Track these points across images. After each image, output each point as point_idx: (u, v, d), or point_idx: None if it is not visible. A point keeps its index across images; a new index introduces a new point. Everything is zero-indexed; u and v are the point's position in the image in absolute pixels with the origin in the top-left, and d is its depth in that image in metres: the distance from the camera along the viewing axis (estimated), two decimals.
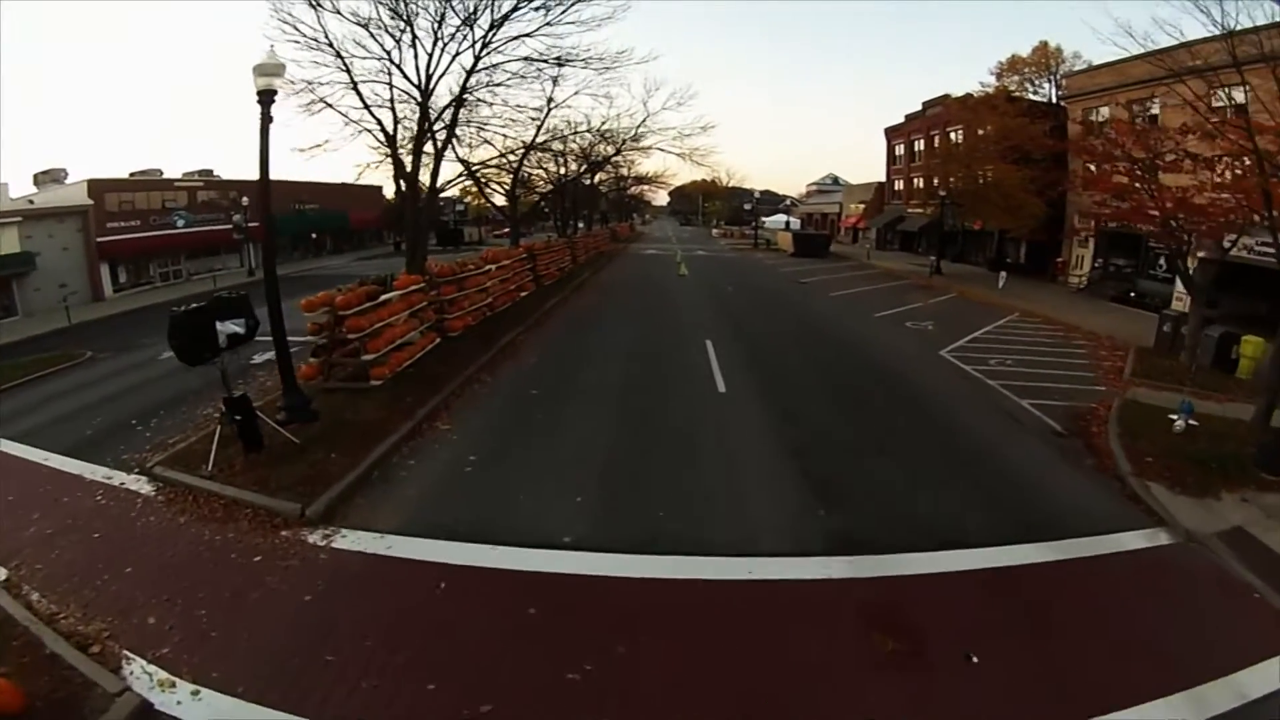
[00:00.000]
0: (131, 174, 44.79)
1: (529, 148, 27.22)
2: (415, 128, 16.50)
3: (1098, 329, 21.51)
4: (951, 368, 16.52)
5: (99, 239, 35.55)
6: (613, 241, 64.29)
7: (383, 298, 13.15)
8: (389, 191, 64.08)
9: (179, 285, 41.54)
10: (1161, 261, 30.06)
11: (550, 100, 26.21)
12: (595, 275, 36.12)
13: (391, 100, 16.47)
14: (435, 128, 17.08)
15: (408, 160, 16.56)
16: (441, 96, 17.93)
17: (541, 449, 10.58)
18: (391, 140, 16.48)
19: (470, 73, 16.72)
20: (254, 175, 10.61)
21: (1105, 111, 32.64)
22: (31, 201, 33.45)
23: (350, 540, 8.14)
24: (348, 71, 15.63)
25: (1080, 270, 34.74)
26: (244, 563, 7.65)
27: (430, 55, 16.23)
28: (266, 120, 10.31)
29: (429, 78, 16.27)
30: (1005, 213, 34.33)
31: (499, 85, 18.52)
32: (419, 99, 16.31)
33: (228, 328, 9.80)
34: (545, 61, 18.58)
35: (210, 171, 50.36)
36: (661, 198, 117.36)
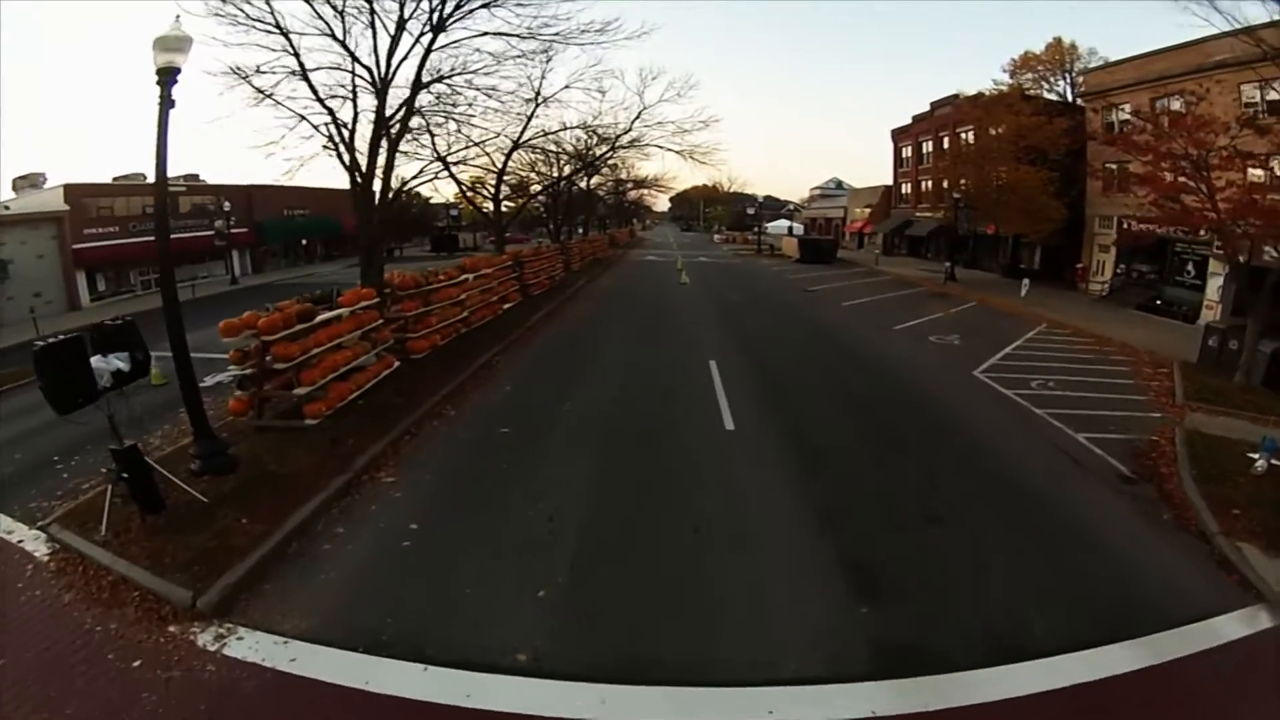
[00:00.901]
0: (115, 179, 43.42)
1: (515, 145, 25.20)
2: (374, 118, 14.43)
3: (1132, 341, 19.96)
4: (989, 392, 14.42)
5: (75, 246, 34.07)
6: (611, 247, 62.29)
7: (321, 317, 10.97)
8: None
9: (160, 294, 40.14)
10: (1189, 268, 28.23)
11: (538, 94, 24.33)
12: (590, 284, 33.93)
13: (354, 91, 14.50)
14: (396, 117, 14.99)
15: (370, 158, 14.50)
16: (406, 88, 15.84)
17: (501, 514, 8.43)
18: (350, 134, 14.41)
19: (430, 50, 14.56)
20: (240, 179, 8.77)
21: (1127, 109, 30.87)
22: (7, 208, 32.01)
23: (248, 645, 6.15)
24: (296, 57, 13.66)
25: (1102, 277, 32.80)
26: (122, 668, 5.85)
27: (392, 37, 14.23)
28: (166, 104, 8.33)
29: (389, 63, 14.27)
30: (1024, 216, 32.35)
31: (474, 71, 16.47)
32: (376, 86, 14.25)
33: (110, 363, 7.82)
34: (519, 36, 16.49)
35: (196, 176, 48.79)
36: (662, 203, 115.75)
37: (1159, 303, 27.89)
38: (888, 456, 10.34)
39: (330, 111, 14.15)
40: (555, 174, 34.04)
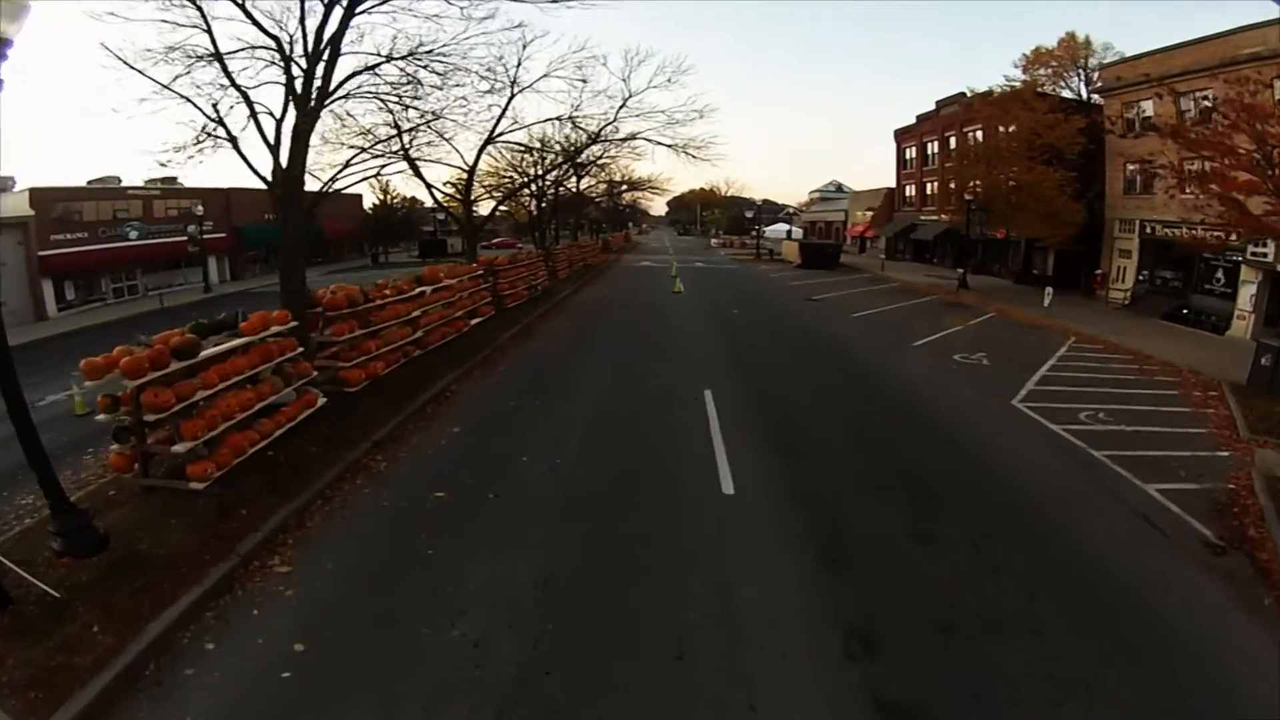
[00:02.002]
0: (90, 182, 41.50)
1: (489, 139, 22.87)
2: (290, 99, 11.91)
3: (1171, 357, 18.32)
4: (1036, 430, 12.11)
5: (41, 253, 32.23)
6: (604, 253, 60.02)
7: (210, 352, 8.61)
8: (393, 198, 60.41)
9: (133, 302, 37.97)
10: (1219, 275, 26.15)
11: (514, 83, 22.01)
12: (575, 294, 31.25)
13: (289, 82, 12.15)
14: (332, 97, 12.44)
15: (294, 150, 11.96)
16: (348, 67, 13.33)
17: (409, 638, 6.06)
18: (278, 123, 11.95)
19: (351, 11, 11.81)
20: (217, 182, 6.56)
21: (1149, 106, 28.84)
22: None
23: None
24: (209, 33, 11.29)
25: (1123, 284, 30.69)
26: None
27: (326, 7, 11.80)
28: None
29: (316, 35, 11.79)
30: (1042, 220, 30.16)
31: (428, 51, 13.98)
32: (288, 60, 11.79)
33: None
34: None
35: (174, 179, 46.70)
36: (659, 206, 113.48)
37: (1186, 312, 25.95)
38: (929, 529, 8.04)
39: (249, 102, 11.70)
40: (539, 171, 31.62)
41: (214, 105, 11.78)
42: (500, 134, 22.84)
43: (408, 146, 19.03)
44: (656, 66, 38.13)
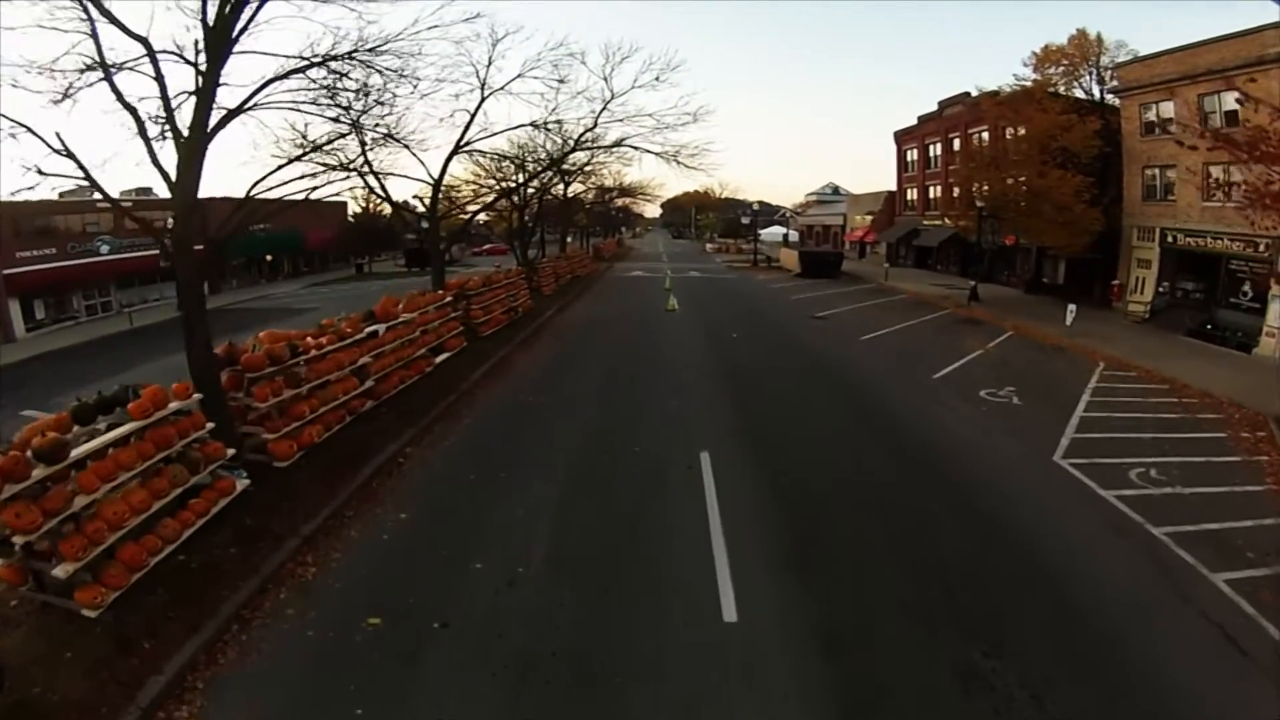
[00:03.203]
0: (61, 195, 39.96)
1: (456, 148, 21.02)
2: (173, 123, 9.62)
3: (1208, 385, 16.94)
4: (1084, 497, 10.49)
5: (7, 271, 31.26)
6: (595, 260, 58.18)
7: (82, 451, 6.87)
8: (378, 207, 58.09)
9: (107, 319, 36.67)
10: (1246, 288, 24.62)
11: (483, 85, 20.21)
12: (560, 314, 29.18)
13: (162, 94, 10.07)
14: (250, 102, 10.45)
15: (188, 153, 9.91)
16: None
17: None
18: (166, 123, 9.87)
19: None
20: None
21: (1168, 108, 27.31)
22: None
23: None
24: (94, 38, 9.33)
25: (1142, 296, 29.10)
26: None
27: None
28: None
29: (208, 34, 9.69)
30: (1059, 228, 28.53)
31: (372, 49, 12.09)
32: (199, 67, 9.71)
33: None
34: None
35: (149, 190, 45.05)
36: (653, 209, 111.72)
37: (1210, 327, 24.39)
38: (981, 670, 6.38)
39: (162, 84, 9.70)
40: (520, 179, 29.67)
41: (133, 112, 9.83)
42: (469, 142, 21.07)
43: (351, 163, 17.16)
44: (642, 63, 35.41)
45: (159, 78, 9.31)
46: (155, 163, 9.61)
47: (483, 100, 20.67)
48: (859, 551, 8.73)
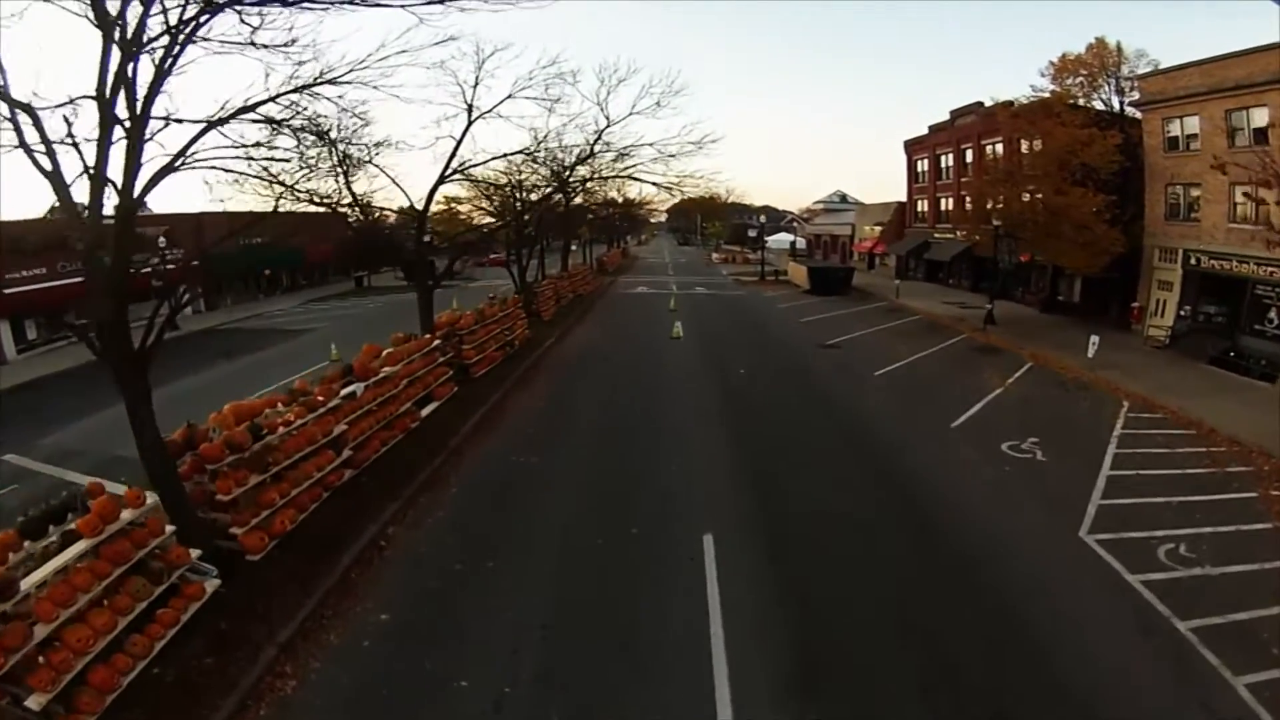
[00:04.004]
0: (52, 209, 39.69)
1: (442, 178, 20.02)
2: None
3: (1235, 429, 16.47)
4: (1111, 584, 9.85)
5: None
6: (599, 274, 57.38)
7: (32, 580, 6.11)
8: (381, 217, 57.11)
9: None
10: (1272, 314, 23.83)
11: (471, 109, 19.33)
12: (558, 344, 28.13)
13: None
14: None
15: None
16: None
17: None
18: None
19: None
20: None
21: (1193, 122, 26.43)
22: None
23: None
24: None
25: (1162, 320, 28.28)
26: None
27: None
28: None
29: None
30: (1079, 248, 27.63)
31: (332, 80, 11.30)
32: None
33: None
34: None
35: (141, 203, 44.57)
36: (660, 212, 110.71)
37: (1233, 355, 23.69)
38: None
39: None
40: (518, 198, 28.88)
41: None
42: (454, 172, 20.28)
43: (326, 198, 16.47)
44: (641, 87, 32.92)
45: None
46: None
47: (470, 124, 19.74)
48: (871, 667, 8.06)
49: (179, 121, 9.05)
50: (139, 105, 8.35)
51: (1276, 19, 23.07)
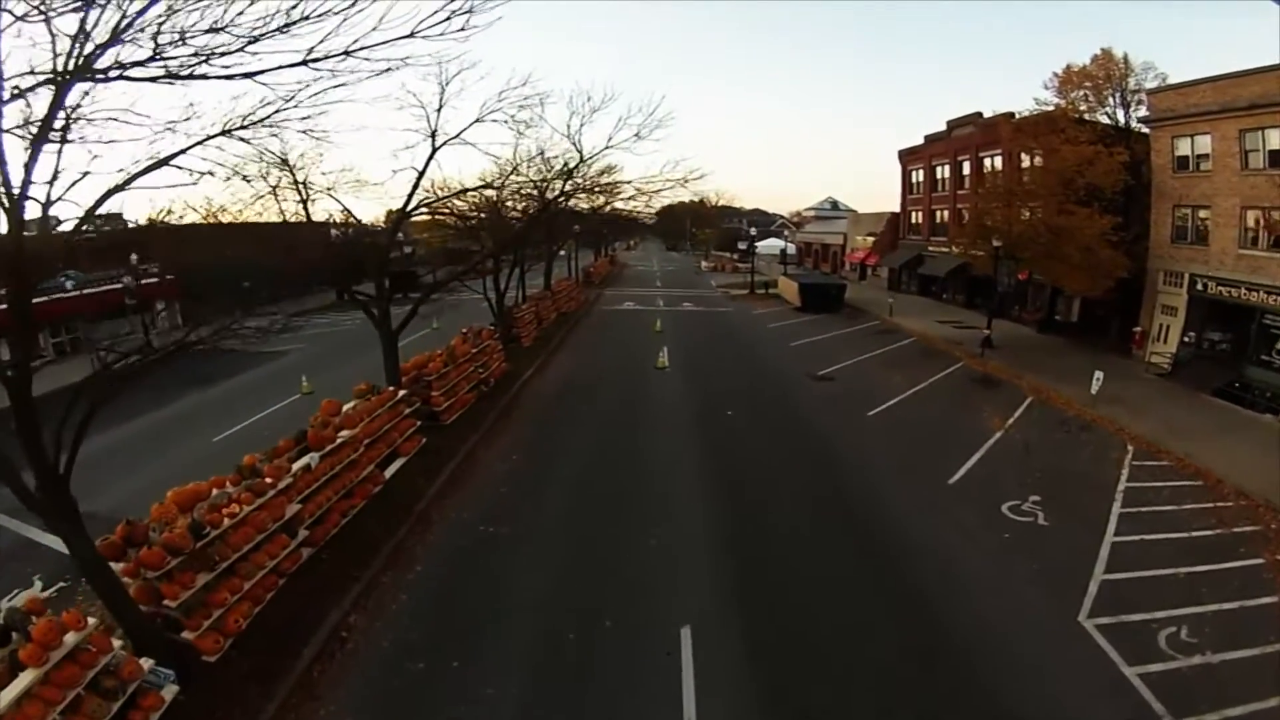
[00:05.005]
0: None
1: (404, 214, 19.16)
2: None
3: (1243, 479, 16.18)
4: (1105, 677, 9.52)
5: None
6: (585, 286, 56.51)
7: None
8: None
9: (74, 361, 35.29)
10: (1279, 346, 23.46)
11: (434, 133, 18.11)
12: (537, 376, 27.11)
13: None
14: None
15: None
16: None
17: None
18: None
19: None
20: None
21: (1204, 142, 25.81)
22: None
23: None
24: None
25: (1165, 346, 27.91)
26: None
27: None
28: None
29: None
30: (1082, 272, 27.15)
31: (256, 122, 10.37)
32: None
33: None
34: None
35: (118, 216, 43.43)
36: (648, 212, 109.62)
37: (1238, 386, 23.43)
38: None
39: None
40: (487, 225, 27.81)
41: None
42: (418, 206, 19.44)
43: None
44: (618, 119, 31.66)
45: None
46: None
47: (434, 151, 18.54)
48: None
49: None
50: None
51: (1277, 19, 22.40)
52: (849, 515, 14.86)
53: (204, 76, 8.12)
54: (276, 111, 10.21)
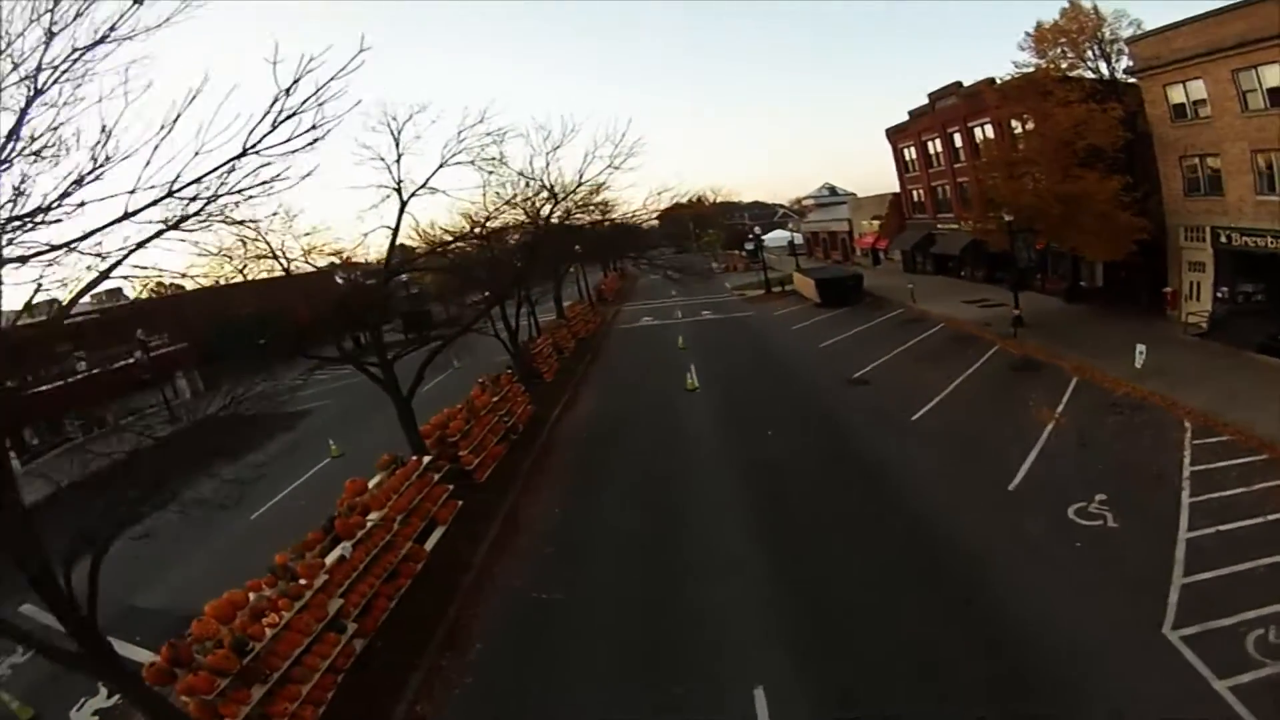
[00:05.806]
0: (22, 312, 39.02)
1: (389, 271, 19.59)
2: None
3: None
4: (1194, 692, 9.19)
5: None
6: (599, 307, 55.95)
7: None
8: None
9: (105, 435, 34.47)
10: None
11: (399, 185, 17.91)
12: (565, 416, 26.56)
13: None
14: None
15: None
16: None
17: None
18: None
19: None
20: None
21: (1198, 87, 24.88)
22: None
23: None
24: None
25: (1199, 304, 27.09)
26: None
27: None
28: None
29: None
30: (1103, 239, 26.48)
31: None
32: None
33: None
34: None
35: (119, 291, 43.57)
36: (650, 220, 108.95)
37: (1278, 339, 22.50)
38: None
39: None
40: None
41: None
42: (401, 264, 19.24)
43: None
44: (585, 153, 29.39)
45: None
46: None
47: (404, 205, 18.22)
48: None
49: None
50: None
51: None
52: (911, 541, 14.24)
53: None
54: (210, 200, 9.53)
